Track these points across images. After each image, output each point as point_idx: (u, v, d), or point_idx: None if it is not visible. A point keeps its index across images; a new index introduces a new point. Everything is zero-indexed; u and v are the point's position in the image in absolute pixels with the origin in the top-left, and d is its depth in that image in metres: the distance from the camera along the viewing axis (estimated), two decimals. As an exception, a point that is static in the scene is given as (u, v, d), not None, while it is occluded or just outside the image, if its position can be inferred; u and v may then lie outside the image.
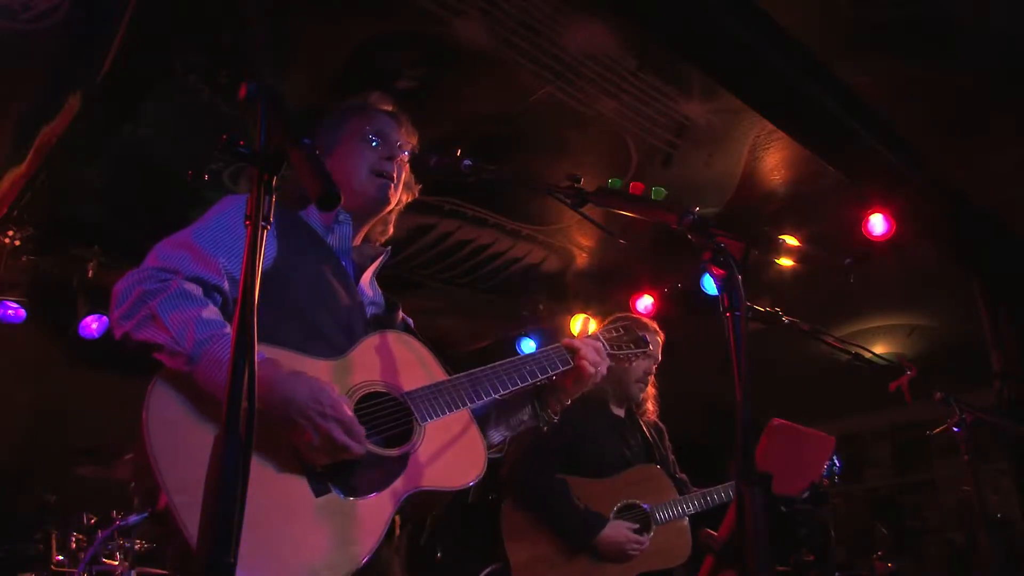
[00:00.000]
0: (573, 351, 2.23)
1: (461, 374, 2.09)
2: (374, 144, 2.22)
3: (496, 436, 2.25)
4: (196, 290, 1.82)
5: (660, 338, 3.66)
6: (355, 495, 1.80)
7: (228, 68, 4.04)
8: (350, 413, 1.78)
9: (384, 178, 2.20)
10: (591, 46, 4.17)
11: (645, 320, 3.73)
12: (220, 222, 1.93)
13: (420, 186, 2.39)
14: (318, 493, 1.76)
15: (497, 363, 2.13)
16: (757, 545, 1.46)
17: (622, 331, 2.40)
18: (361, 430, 1.79)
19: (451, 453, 1.99)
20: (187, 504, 1.60)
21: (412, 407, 1.97)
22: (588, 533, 3.19)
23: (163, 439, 1.68)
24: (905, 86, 4.32)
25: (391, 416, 1.95)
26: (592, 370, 2.23)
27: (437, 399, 2.00)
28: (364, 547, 1.76)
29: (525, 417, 2.27)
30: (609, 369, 3.51)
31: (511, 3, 3.89)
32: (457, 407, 2.03)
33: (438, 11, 3.86)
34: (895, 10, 3.81)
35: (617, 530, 3.23)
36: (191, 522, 1.57)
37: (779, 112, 4.41)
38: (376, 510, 1.81)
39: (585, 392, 2.33)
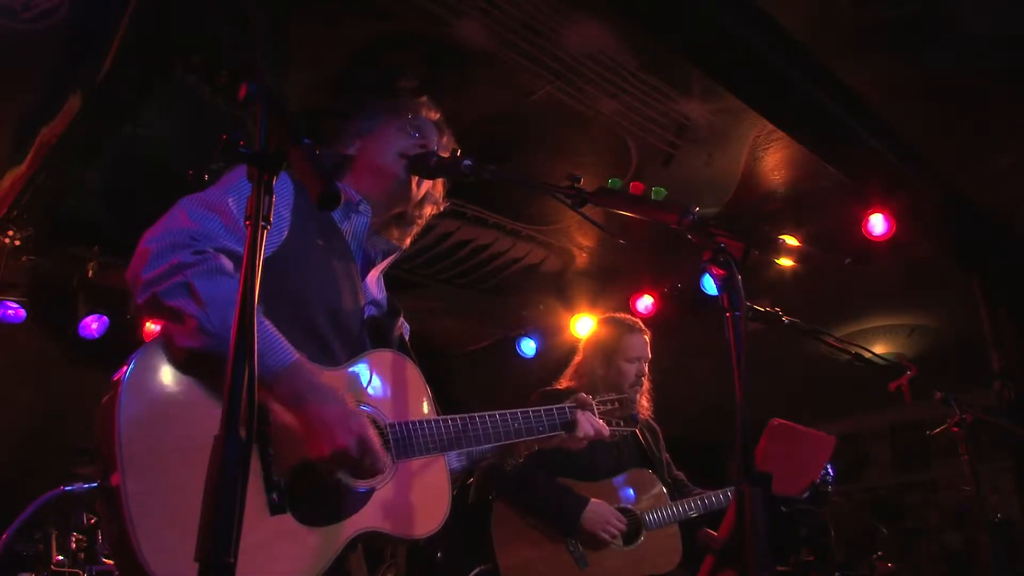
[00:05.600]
0: (571, 425, 2.25)
1: (450, 417, 2.05)
2: (410, 134, 2.22)
3: (455, 462, 2.22)
4: (228, 264, 1.77)
5: (647, 336, 3.67)
6: (309, 523, 1.74)
7: (228, 68, 4.04)
8: (377, 444, 1.78)
9: (409, 168, 2.18)
10: (591, 46, 4.17)
11: (631, 319, 3.72)
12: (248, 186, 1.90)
13: (447, 203, 2.39)
14: (273, 511, 1.71)
15: (487, 414, 2.11)
16: (757, 545, 1.46)
17: (616, 405, 2.46)
18: (381, 456, 1.79)
19: (415, 499, 1.93)
20: (138, 492, 1.56)
21: (391, 442, 1.92)
22: (572, 512, 3.19)
23: (134, 415, 1.62)
24: (905, 86, 4.32)
25: None
26: (584, 445, 2.29)
27: (418, 439, 1.96)
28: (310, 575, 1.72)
29: (489, 454, 2.27)
30: (603, 376, 3.51)
31: (511, 3, 3.88)
32: (436, 451, 1.99)
33: (438, 11, 3.86)
34: (895, 10, 3.81)
35: (599, 507, 3.23)
36: (136, 510, 1.54)
37: (779, 112, 4.41)
38: (326, 542, 1.76)
39: None
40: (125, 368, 1.67)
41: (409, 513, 1.92)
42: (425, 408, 2.06)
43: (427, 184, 2.26)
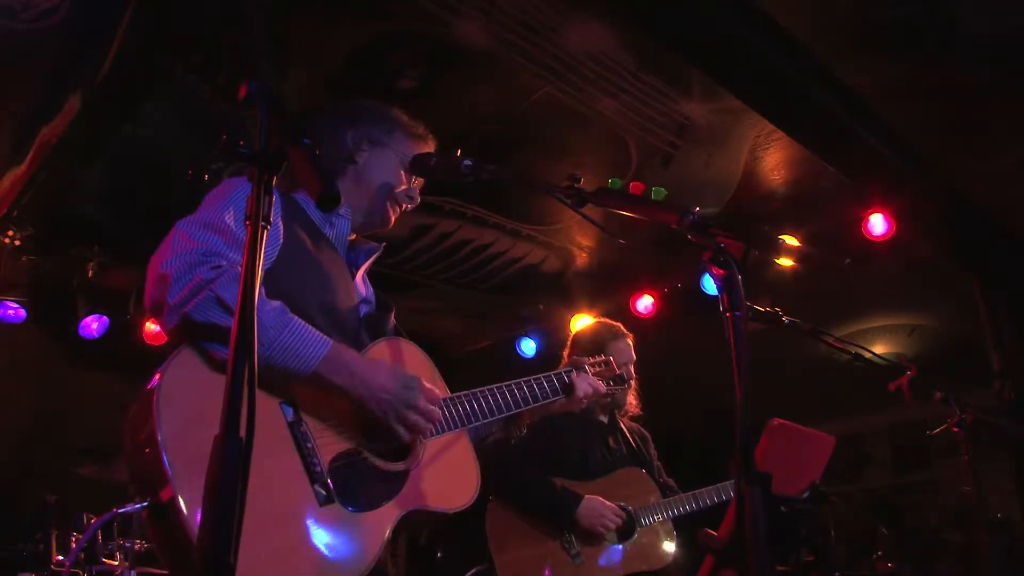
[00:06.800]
0: (570, 386, 2.36)
1: (461, 393, 2.13)
2: (409, 181, 2.27)
3: None
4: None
5: (631, 340, 3.72)
6: (358, 508, 1.81)
7: (228, 68, 4.04)
8: (438, 399, 1.93)
9: (399, 208, 2.26)
10: (591, 46, 4.17)
11: (614, 324, 3.77)
12: (242, 199, 1.84)
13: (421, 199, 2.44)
14: (322, 502, 1.76)
15: (493, 386, 2.20)
16: (757, 545, 1.46)
17: (603, 367, 2.57)
18: (438, 414, 1.95)
19: (448, 473, 2.02)
20: (194, 500, 1.57)
21: None
22: (568, 507, 3.24)
23: (173, 422, 1.63)
24: (905, 86, 4.32)
25: None
26: (583, 405, 2.42)
27: (442, 417, 2.03)
28: (364, 561, 1.77)
29: (495, 429, 2.34)
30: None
31: (511, 3, 3.88)
32: (457, 426, 2.07)
33: (438, 11, 3.86)
34: (895, 10, 3.81)
35: (594, 501, 3.27)
36: (197, 519, 1.54)
37: (779, 112, 4.41)
38: (376, 525, 1.82)
39: None
40: (154, 382, 1.68)
41: (446, 487, 2.00)
42: (440, 386, 2.13)
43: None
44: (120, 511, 3.99)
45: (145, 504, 1.65)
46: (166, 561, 1.75)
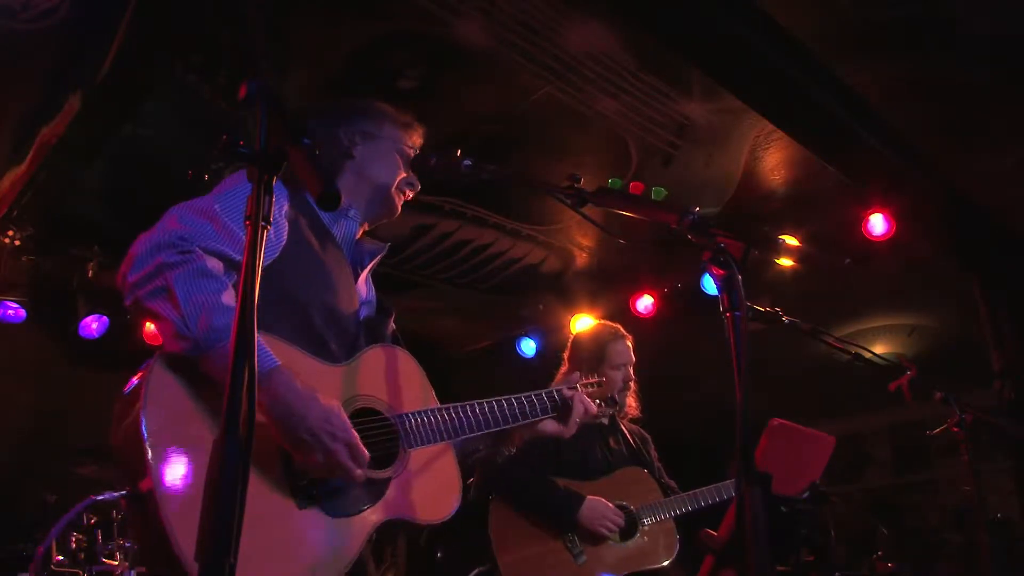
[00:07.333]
0: (566, 405, 2.34)
1: (450, 405, 2.12)
2: (408, 161, 2.27)
3: None
4: (216, 266, 1.78)
5: (630, 341, 3.71)
6: (336, 513, 1.80)
7: (228, 68, 4.04)
8: (357, 437, 1.79)
9: (404, 197, 2.27)
10: (591, 46, 4.17)
11: (612, 326, 3.77)
12: (243, 193, 1.86)
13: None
14: (301, 506, 1.76)
15: (484, 400, 2.18)
16: (757, 545, 1.46)
17: (596, 387, 2.58)
18: (365, 455, 1.81)
19: (430, 485, 2.02)
20: (172, 493, 1.58)
21: (401, 431, 1.99)
22: (570, 508, 3.23)
23: (158, 417, 1.64)
24: (905, 86, 4.32)
25: (380, 436, 1.96)
26: (574, 431, 2.39)
27: (426, 427, 2.03)
28: (340, 565, 1.78)
29: (481, 446, 2.34)
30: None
31: (511, 3, 3.89)
32: (444, 437, 2.06)
33: (438, 11, 3.86)
34: (895, 10, 3.81)
35: (596, 503, 3.27)
36: (172, 512, 1.56)
37: (779, 112, 4.41)
38: (354, 530, 1.83)
39: None
40: (143, 374, 1.69)
41: (427, 498, 1.99)
42: (427, 397, 2.13)
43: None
44: (97, 498, 3.99)
45: (123, 493, 1.65)
46: (141, 549, 1.75)
